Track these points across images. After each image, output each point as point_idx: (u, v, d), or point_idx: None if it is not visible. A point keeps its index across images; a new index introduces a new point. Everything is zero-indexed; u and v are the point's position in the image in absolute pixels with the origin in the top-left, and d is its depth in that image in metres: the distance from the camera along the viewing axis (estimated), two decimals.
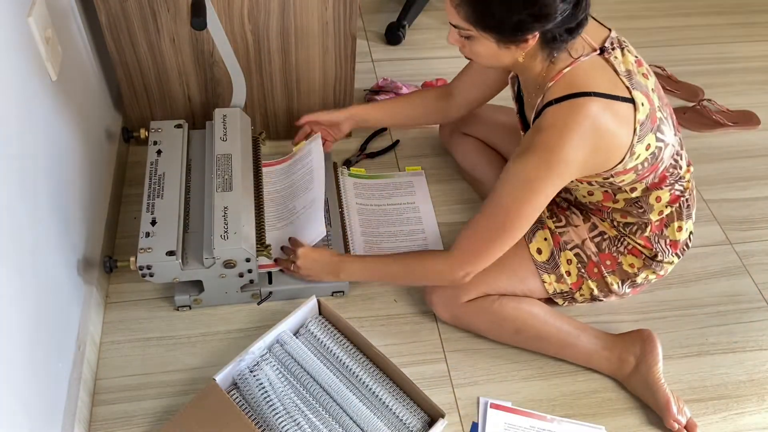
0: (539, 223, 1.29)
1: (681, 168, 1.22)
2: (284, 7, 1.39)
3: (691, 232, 1.29)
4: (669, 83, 1.98)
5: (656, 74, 1.96)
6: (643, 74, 1.13)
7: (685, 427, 1.22)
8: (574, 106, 1.05)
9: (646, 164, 1.14)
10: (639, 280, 1.28)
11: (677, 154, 1.21)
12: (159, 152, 1.39)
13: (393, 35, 2.03)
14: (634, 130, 1.08)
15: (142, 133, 1.47)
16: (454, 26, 1.06)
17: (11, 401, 0.91)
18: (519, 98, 1.25)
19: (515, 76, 1.25)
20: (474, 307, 1.29)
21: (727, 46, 2.18)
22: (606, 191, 1.22)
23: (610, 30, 1.14)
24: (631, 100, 1.07)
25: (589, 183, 1.19)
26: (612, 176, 1.14)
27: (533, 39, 1.02)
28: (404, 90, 1.75)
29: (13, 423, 0.91)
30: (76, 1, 1.37)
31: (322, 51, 1.50)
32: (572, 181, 1.17)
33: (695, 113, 1.88)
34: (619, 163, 1.10)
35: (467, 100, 1.43)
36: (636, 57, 1.14)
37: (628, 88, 1.07)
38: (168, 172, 1.35)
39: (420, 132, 1.76)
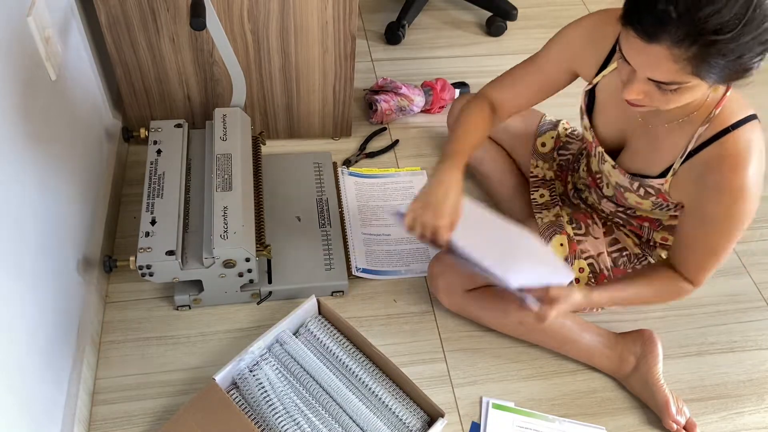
0: (558, 227, 1.28)
1: None
2: (284, 7, 1.39)
3: None
4: None
5: None
6: None
7: (684, 427, 1.22)
8: (755, 128, 1.02)
9: None
10: None
11: None
12: (159, 152, 1.39)
13: (393, 35, 2.03)
14: None
15: (142, 132, 1.47)
16: (660, 82, 0.90)
17: (11, 400, 0.92)
18: (589, 111, 1.19)
19: (591, 89, 1.17)
20: (478, 296, 1.29)
21: None
22: (672, 215, 1.20)
23: None
24: None
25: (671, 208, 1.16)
26: None
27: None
28: (404, 90, 1.75)
29: (13, 422, 0.91)
30: (76, 1, 1.37)
31: (322, 51, 1.50)
32: (648, 196, 1.15)
33: None
34: None
35: (517, 108, 1.28)
36: None
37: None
38: (168, 172, 1.35)
39: (420, 132, 1.76)
